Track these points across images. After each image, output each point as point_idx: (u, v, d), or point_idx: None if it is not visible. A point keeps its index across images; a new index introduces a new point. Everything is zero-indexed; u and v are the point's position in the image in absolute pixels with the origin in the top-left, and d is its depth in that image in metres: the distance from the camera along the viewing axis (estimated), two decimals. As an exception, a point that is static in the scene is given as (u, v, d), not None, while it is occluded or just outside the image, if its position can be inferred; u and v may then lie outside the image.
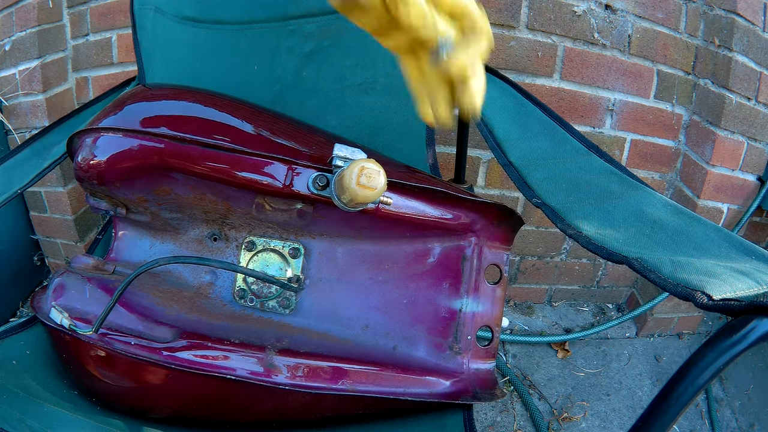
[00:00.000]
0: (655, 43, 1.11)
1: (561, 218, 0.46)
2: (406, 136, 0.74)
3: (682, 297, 0.32)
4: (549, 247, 1.27)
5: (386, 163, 0.52)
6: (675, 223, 0.43)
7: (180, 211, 0.56)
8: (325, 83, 0.74)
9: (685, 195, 1.20)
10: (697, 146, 1.17)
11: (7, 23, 1.18)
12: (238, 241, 0.58)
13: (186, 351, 0.50)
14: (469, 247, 0.57)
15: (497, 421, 1.08)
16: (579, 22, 1.05)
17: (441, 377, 0.55)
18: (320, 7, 0.71)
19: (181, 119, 0.52)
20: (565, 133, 0.60)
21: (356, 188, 0.42)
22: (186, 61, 0.78)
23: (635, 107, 1.15)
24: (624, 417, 1.12)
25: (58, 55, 1.21)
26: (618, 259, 0.38)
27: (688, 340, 1.34)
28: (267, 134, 0.54)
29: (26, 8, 1.15)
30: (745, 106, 1.11)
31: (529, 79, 1.08)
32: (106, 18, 1.18)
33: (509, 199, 1.19)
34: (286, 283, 0.53)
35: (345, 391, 0.52)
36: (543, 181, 0.52)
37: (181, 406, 0.54)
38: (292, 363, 0.52)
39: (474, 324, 0.57)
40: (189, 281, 0.57)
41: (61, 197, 1.22)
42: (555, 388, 1.16)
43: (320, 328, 0.56)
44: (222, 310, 0.56)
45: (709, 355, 0.28)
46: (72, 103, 1.26)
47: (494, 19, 1.03)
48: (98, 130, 0.51)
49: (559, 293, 1.35)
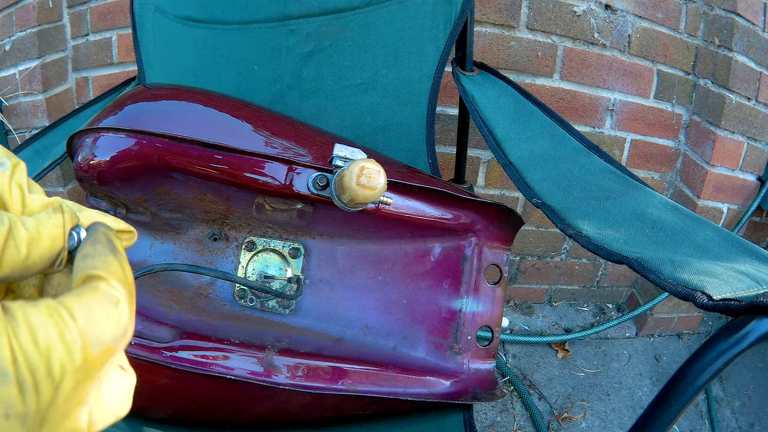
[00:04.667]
0: (655, 43, 1.11)
1: (561, 218, 0.46)
2: (406, 136, 0.74)
3: (682, 297, 0.32)
4: (549, 247, 1.27)
5: (386, 163, 0.52)
6: (675, 223, 0.43)
7: (180, 211, 0.56)
8: (325, 83, 0.74)
9: (685, 195, 1.20)
10: (697, 146, 1.17)
11: (7, 23, 1.18)
12: (238, 241, 0.58)
13: (186, 351, 0.50)
14: (469, 247, 0.57)
15: (497, 421, 1.08)
16: (579, 22, 1.05)
17: (441, 377, 0.55)
18: (320, 7, 0.71)
19: (181, 119, 0.52)
20: (565, 133, 0.60)
21: (356, 188, 0.42)
22: (186, 61, 0.78)
23: (635, 107, 1.15)
24: (624, 417, 1.12)
25: (58, 55, 1.21)
26: (618, 259, 0.38)
27: (688, 340, 1.34)
28: (267, 134, 0.54)
29: (26, 8, 1.15)
30: (745, 106, 1.11)
31: (529, 79, 1.08)
32: (106, 18, 1.18)
33: (509, 199, 1.19)
34: (282, 293, 0.53)
35: (345, 392, 0.52)
36: (543, 181, 0.52)
37: (181, 406, 0.54)
38: (292, 363, 0.52)
39: (474, 324, 0.57)
40: (189, 281, 0.57)
41: (61, 197, 1.22)
42: (555, 388, 1.16)
43: (320, 328, 0.56)
44: (222, 311, 0.56)
45: (709, 355, 0.28)
46: (72, 103, 1.26)
47: (494, 19, 1.03)
48: (98, 130, 0.51)
49: (559, 293, 1.35)
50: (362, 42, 0.72)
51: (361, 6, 0.71)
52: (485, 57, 1.04)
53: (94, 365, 0.17)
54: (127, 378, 0.21)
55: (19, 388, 0.15)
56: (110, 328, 0.18)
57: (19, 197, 0.19)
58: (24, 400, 0.15)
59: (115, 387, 0.20)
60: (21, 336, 0.15)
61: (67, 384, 0.16)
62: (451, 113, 1.08)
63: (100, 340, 0.17)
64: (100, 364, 0.17)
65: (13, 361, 0.15)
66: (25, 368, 0.15)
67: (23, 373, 0.15)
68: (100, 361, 0.17)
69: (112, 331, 0.18)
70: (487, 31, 1.03)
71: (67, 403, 0.17)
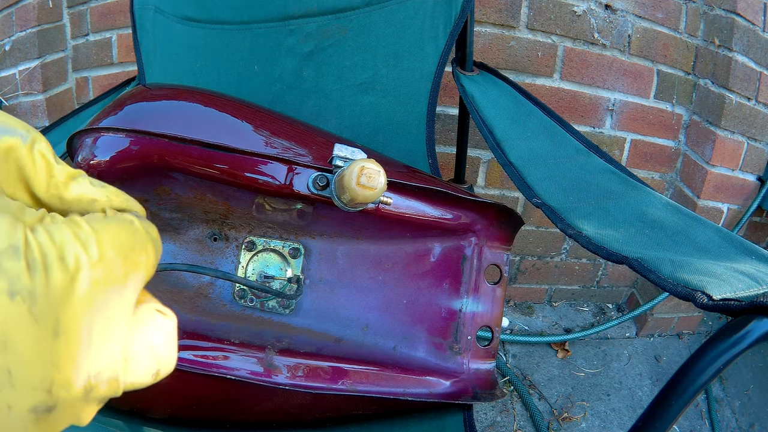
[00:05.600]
0: (655, 43, 1.11)
1: (561, 218, 0.46)
2: (406, 136, 0.74)
3: (682, 297, 0.32)
4: (549, 247, 1.27)
5: (386, 163, 0.52)
6: (675, 223, 0.43)
7: (180, 211, 0.56)
8: (325, 83, 0.74)
9: (685, 195, 1.20)
10: (697, 146, 1.17)
11: (7, 23, 1.18)
12: (238, 241, 0.58)
13: (186, 351, 0.50)
14: (469, 247, 0.57)
15: (497, 421, 1.08)
16: (579, 22, 1.05)
17: (441, 377, 0.55)
18: (320, 7, 0.71)
19: (181, 119, 0.52)
20: (565, 133, 0.60)
21: (356, 188, 0.42)
22: (186, 61, 0.78)
23: (635, 107, 1.15)
24: (624, 417, 1.12)
25: (58, 55, 1.21)
26: (618, 259, 0.38)
27: (688, 340, 1.34)
28: (267, 134, 0.54)
29: (26, 8, 1.15)
30: (745, 106, 1.11)
31: (529, 79, 1.08)
32: (106, 18, 1.18)
33: (509, 199, 1.19)
34: (282, 292, 0.53)
35: (345, 392, 0.52)
36: (543, 181, 0.52)
37: (181, 406, 0.54)
38: (292, 363, 0.52)
39: (474, 324, 0.57)
40: (189, 281, 0.57)
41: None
42: (555, 388, 1.16)
43: (320, 328, 0.56)
44: (222, 311, 0.56)
45: (709, 355, 0.28)
46: (72, 103, 1.26)
47: (494, 19, 1.03)
48: (98, 130, 0.51)
49: (559, 293, 1.35)
50: (362, 42, 0.72)
51: (361, 6, 0.71)
52: (485, 57, 1.04)
53: (112, 267, 0.16)
54: (166, 321, 0.20)
55: (28, 264, 0.14)
56: (126, 236, 0.17)
57: (44, 167, 0.18)
58: (32, 277, 0.14)
59: (154, 331, 0.19)
60: (37, 231, 0.15)
61: (83, 279, 0.15)
62: (451, 113, 1.08)
63: (116, 243, 0.16)
64: (121, 272, 0.16)
65: (25, 241, 0.14)
66: (37, 249, 0.14)
67: (33, 252, 0.14)
68: (119, 267, 0.16)
69: (128, 238, 0.17)
70: (487, 31, 1.03)
71: (87, 310, 0.15)
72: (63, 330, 0.15)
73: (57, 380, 0.15)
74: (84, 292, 0.15)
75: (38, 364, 0.14)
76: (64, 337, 0.15)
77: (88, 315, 0.15)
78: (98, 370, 0.16)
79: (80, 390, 0.15)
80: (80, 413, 0.17)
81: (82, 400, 0.16)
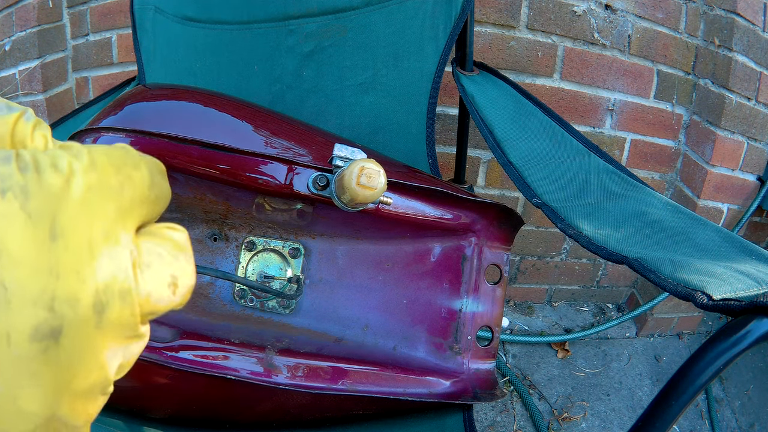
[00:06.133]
0: (655, 43, 1.11)
1: (561, 218, 0.46)
2: (406, 136, 0.74)
3: (682, 297, 0.32)
4: (549, 247, 1.27)
5: (386, 163, 0.52)
6: (675, 223, 0.43)
7: (180, 211, 0.56)
8: (325, 83, 0.74)
9: (685, 195, 1.20)
10: (697, 146, 1.17)
11: (7, 23, 1.18)
12: (238, 241, 0.58)
13: (186, 351, 0.50)
14: (469, 247, 0.57)
15: (497, 421, 1.08)
16: (579, 22, 1.05)
17: (441, 377, 0.55)
18: (320, 7, 0.71)
19: (181, 119, 0.52)
20: (565, 133, 0.60)
21: (356, 188, 0.42)
22: (186, 61, 0.78)
23: (635, 107, 1.15)
24: (624, 417, 1.12)
25: (58, 55, 1.21)
26: (618, 259, 0.38)
27: (688, 340, 1.34)
28: (267, 134, 0.54)
29: (26, 8, 1.15)
30: (745, 106, 1.11)
31: (529, 79, 1.08)
32: (106, 18, 1.18)
33: (509, 199, 1.19)
34: (282, 292, 0.53)
35: (345, 392, 0.52)
36: (543, 181, 0.52)
37: (181, 406, 0.54)
38: (292, 363, 0.52)
39: (474, 324, 0.57)
40: (189, 281, 0.57)
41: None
42: (555, 388, 1.16)
43: (320, 328, 0.56)
44: (222, 310, 0.56)
45: (709, 355, 0.28)
46: (72, 103, 1.26)
47: (494, 19, 1.03)
48: (98, 130, 0.51)
49: (559, 293, 1.35)
50: (362, 42, 0.72)
51: (361, 6, 0.71)
52: (485, 57, 1.04)
53: (106, 176, 0.15)
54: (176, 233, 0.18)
55: (19, 167, 0.13)
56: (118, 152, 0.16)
57: (43, 146, 0.17)
58: (24, 175, 0.13)
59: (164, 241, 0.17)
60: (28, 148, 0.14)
61: (77, 183, 0.14)
62: (451, 113, 1.08)
63: (108, 155, 0.16)
64: (115, 182, 0.15)
65: (16, 153, 0.13)
66: (29, 156, 0.13)
67: (25, 158, 0.13)
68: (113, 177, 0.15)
69: (120, 153, 0.16)
70: (487, 31, 1.03)
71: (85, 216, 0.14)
72: (61, 232, 0.13)
73: (59, 292, 0.13)
74: (79, 195, 0.14)
75: (36, 271, 0.13)
76: (62, 241, 0.13)
77: (86, 221, 0.14)
78: (105, 281, 0.14)
79: (89, 308, 0.14)
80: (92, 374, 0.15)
81: (95, 327, 0.14)
